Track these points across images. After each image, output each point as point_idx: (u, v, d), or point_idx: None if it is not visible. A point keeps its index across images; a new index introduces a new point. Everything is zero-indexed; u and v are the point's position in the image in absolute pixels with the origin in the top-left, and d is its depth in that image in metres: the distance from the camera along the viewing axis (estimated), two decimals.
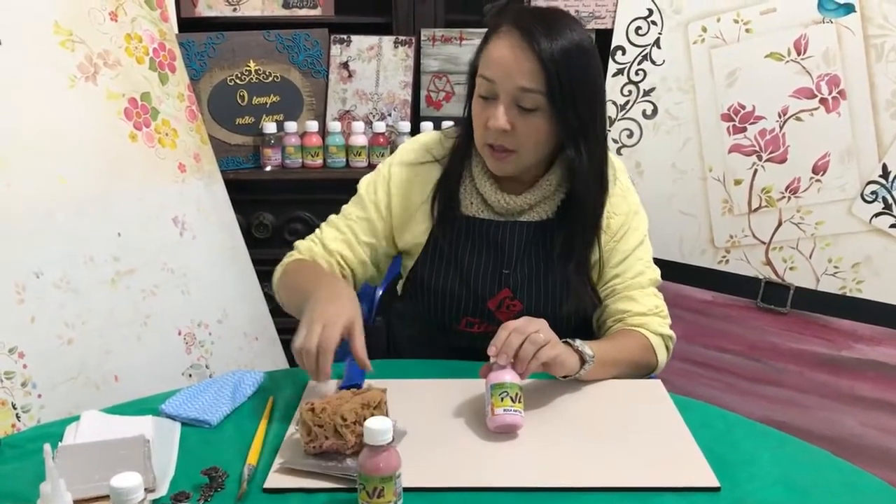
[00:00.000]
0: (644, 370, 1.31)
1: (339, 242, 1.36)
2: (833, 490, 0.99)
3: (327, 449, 0.99)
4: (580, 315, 1.36)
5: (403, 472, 0.90)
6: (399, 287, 1.44)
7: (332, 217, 1.41)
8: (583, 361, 1.17)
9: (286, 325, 2.04)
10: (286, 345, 2.05)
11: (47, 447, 0.78)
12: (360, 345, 1.11)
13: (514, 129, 1.22)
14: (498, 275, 1.33)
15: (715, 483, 0.97)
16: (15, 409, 1.43)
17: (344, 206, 1.41)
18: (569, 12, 1.30)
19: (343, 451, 0.99)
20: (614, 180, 1.34)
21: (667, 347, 1.34)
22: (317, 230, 1.40)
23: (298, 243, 1.39)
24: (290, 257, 1.37)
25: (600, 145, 1.29)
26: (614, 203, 1.34)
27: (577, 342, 1.18)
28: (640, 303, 1.33)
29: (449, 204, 1.34)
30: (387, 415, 1.02)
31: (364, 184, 1.40)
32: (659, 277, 1.38)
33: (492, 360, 1.10)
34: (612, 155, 1.36)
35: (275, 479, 0.97)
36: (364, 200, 1.38)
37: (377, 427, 0.89)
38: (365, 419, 0.93)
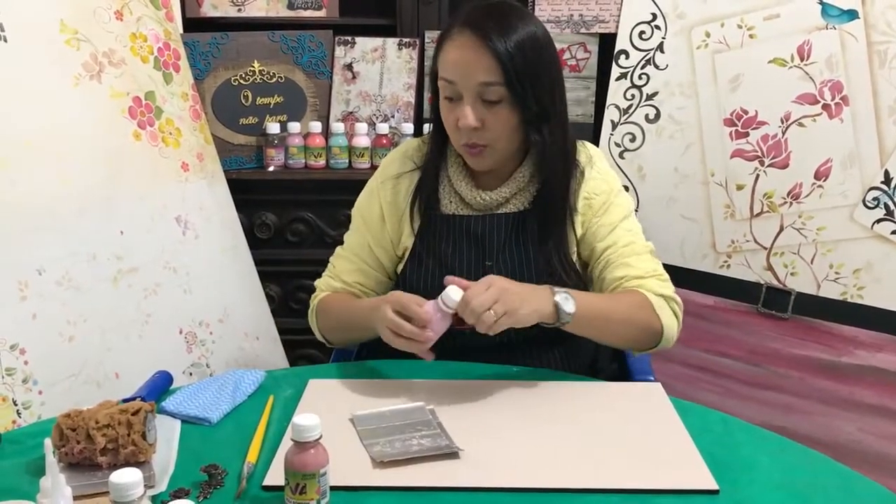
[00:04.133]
0: (647, 332, 1.28)
1: (353, 273, 1.43)
2: (832, 495, 0.99)
3: (79, 456, 0.97)
4: None
5: (403, 471, 0.90)
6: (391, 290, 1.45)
7: (339, 250, 1.46)
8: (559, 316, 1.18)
9: (287, 325, 2.07)
10: (287, 345, 2.06)
11: (48, 442, 0.79)
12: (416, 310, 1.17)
13: (484, 124, 1.26)
14: (481, 267, 1.35)
15: (714, 486, 0.97)
16: (16, 405, 1.43)
17: (346, 236, 1.47)
18: (519, 4, 1.32)
19: (95, 458, 0.96)
20: (591, 165, 1.37)
21: (673, 312, 1.30)
22: (329, 266, 1.46)
23: (318, 283, 1.46)
24: (315, 298, 1.44)
25: (561, 127, 1.32)
26: (593, 185, 1.36)
27: (560, 296, 1.18)
28: (635, 267, 1.32)
29: (429, 205, 1.37)
30: (145, 424, 0.98)
31: (356, 209, 1.46)
32: (652, 247, 1.37)
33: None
34: (587, 143, 1.40)
35: (274, 477, 0.97)
36: (360, 225, 1.44)
37: (303, 423, 0.89)
38: (120, 423, 0.94)
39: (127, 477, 0.78)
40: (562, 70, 1.35)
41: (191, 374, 1.76)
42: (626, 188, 1.86)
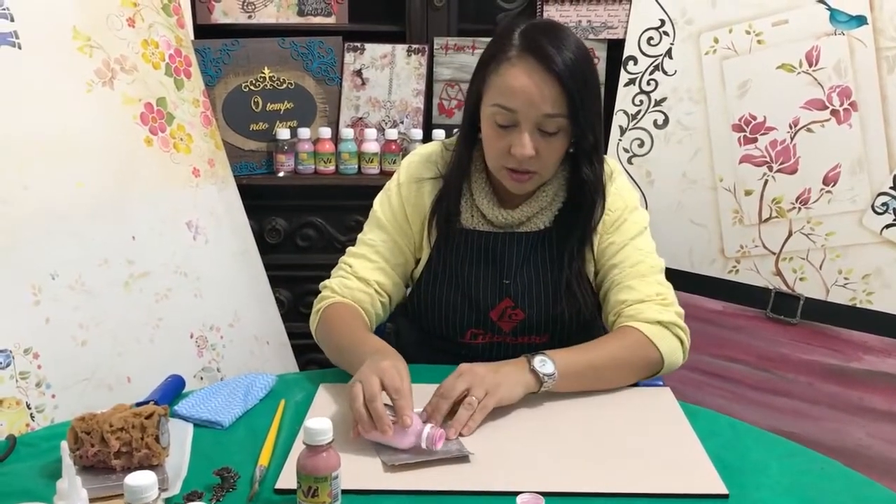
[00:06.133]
0: (644, 367, 1.25)
1: (372, 271, 1.36)
2: (842, 500, 0.99)
3: (94, 459, 0.97)
4: (581, 319, 1.37)
5: (414, 475, 0.90)
6: (407, 295, 1.46)
7: (355, 249, 1.40)
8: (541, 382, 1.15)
9: (297, 329, 2.07)
10: (297, 349, 2.07)
11: (64, 444, 0.80)
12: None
13: (538, 152, 1.23)
14: (498, 285, 1.34)
15: (724, 490, 0.97)
16: (29, 408, 1.44)
17: (362, 234, 1.41)
18: (564, 25, 1.30)
19: (109, 461, 0.97)
20: (611, 181, 1.35)
21: (676, 336, 1.27)
22: (342, 264, 1.40)
23: (329, 283, 1.38)
24: (323, 301, 1.35)
25: (601, 155, 1.31)
26: (609, 202, 1.34)
27: (537, 360, 1.16)
28: (637, 290, 1.30)
29: (448, 219, 1.35)
30: (158, 428, 0.99)
31: (378, 206, 1.40)
32: (662, 265, 1.35)
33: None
34: (608, 158, 1.36)
35: (286, 480, 0.98)
36: (383, 222, 1.38)
37: (316, 427, 0.89)
38: (134, 427, 0.95)
39: (142, 479, 0.78)
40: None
41: (201, 378, 1.77)
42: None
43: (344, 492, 0.93)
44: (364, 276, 1.36)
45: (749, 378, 1.99)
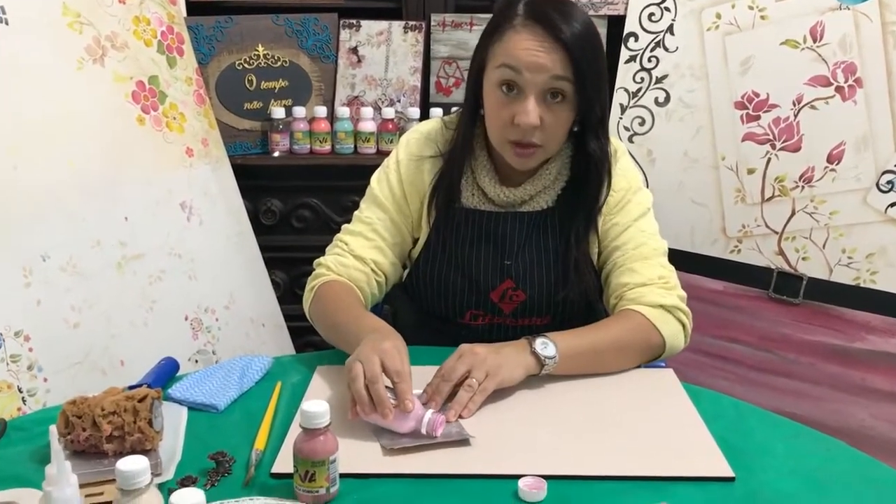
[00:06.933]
0: (646, 351, 1.24)
1: (369, 250, 1.33)
2: (849, 482, 0.97)
3: (85, 443, 0.95)
4: (584, 301, 1.35)
5: (413, 458, 0.89)
6: (404, 276, 1.43)
7: (351, 226, 1.37)
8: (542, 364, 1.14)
9: (293, 311, 2.05)
10: (293, 331, 2.05)
11: (53, 429, 0.77)
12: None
13: (543, 122, 1.20)
14: (499, 266, 1.32)
15: (730, 473, 0.96)
16: (21, 392, 1.42)
17: (358, 212, 1.38)
18: None
19: (101, 445, 0.95)
20: (614, 160, 1.32)
21: (678, 320, 1.26)
22: (337, 242, 1.37)
23: (323, 260, 1.35)
24: (318, 278, 1.33)
25: (607, 130, 1.29)
26: (613, 182, 1.31)
27: (538, 343, 1.14)
28: (640, 273, 1.28)
29: (449, 198, 1.32)
30: (151, 411, 0.96)
31: (376, 183, 1.37)
32: (665, 248, 1.33)
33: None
34: (612, 137, 1.34)
35: (282, 464, 0.96)
36: (381, 200, 1.35)
37: (312, 410, 0.88)
38: (126, 411, 0.93)
39: (134, 464, 0.76)
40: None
41: (196, 360, 1.76)
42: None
43: (342, 476, 0.92)
44: (360, 254, 1.33)
45: (750, 359, 1.97)
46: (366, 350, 1.05)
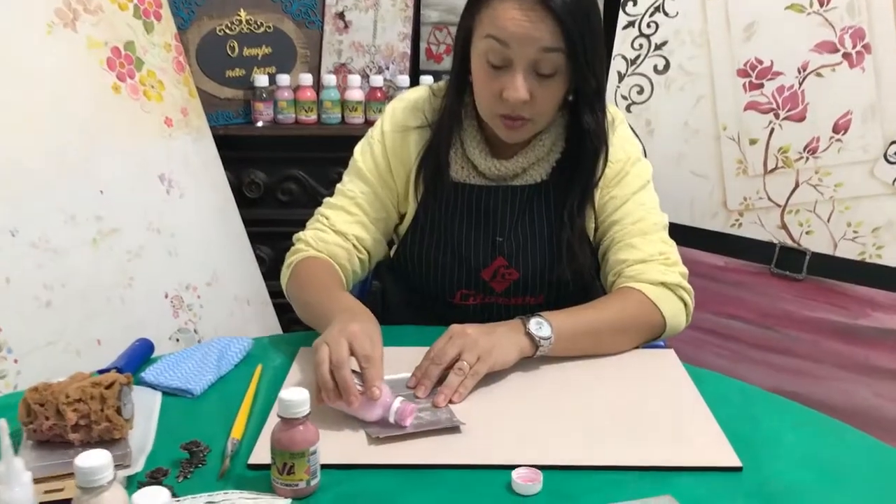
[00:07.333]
0: (647, 331, 1.19)
1: (351, 225, 1.28)
2: (864, 472, 0.92)
3: (50, 433, 0.89)
4: (580, 279, 1.30)
5: (400, 447, 0.83)
6: (392, 252, 1.37)
7: (333, 200, 1.31)
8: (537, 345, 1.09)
9: (279, 288, 1.96)
10: (279, 309, 2.00)
11: (3, 422, 0.71)
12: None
13: (532, 96, 1.13)
14: (491, 243, 1.27)
15: (737, 463, 0.91)
16: None
17: (341, 185, 1.32)
18: None
19: (65, 435, 0.89)
20: (612, 129, 1.26)
21: (680, 298, 1.22)
22: (318, 216, 1.31)
23: (303, 235, 1.29)
24: (296, 254, 1.27)
25: (604, 102, 1.22)
26: (611, 153, 1.25)
27: (532, 323, 1.09)
28: (640, 249, 1.23)
29: (437, 171, 1.26)
30: (119, 398, 0.90)
31: (359, 155, 1.31)
32: (666, 222, 1.28)
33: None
34: (610, 105, 1.27)
35: (260, 455, 0.90)
36: (364, 173, 1.29)
37: (290, 398, 0.82)
38: (93, 398, 0.87)
39: (94, 460, 0.71)
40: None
41: (177, 339, 1.70)
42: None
43: (324, 466, 0.86)
44: (342, 229, 1.27)
45: (751, 336, 1.93)
46: (334, 332, 1.00)
